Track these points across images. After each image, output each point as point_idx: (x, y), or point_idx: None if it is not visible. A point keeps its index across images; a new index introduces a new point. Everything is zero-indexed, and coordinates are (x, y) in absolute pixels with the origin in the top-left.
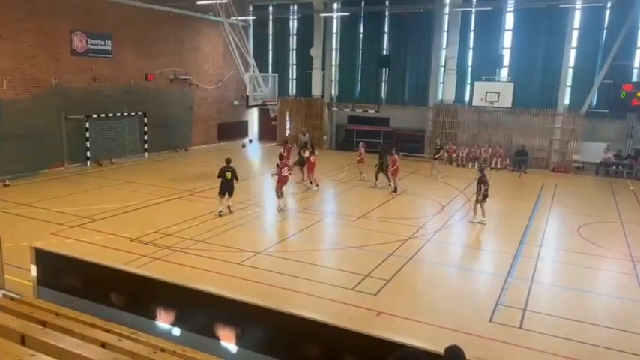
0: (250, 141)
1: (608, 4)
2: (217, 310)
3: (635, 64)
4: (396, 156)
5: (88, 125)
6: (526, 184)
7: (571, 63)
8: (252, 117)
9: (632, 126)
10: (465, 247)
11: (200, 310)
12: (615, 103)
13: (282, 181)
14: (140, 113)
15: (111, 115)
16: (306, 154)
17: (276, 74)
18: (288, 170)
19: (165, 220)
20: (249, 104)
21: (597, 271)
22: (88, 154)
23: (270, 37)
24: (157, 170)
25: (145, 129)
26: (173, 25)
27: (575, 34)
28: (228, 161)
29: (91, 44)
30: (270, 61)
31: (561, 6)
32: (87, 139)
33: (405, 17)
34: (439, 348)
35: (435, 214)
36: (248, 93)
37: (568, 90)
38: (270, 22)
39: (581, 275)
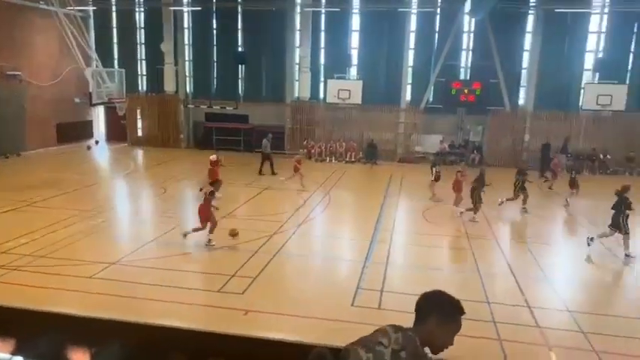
0: (96, 142)
1: (438, 10)
2: (68, 332)
3: (462, 64)
4: None
5: None
6: (377, 175)
7: (410, 63)
8: (98, 116)
9: (461, 119)
10: (326, 238)
11: (47, 335)
12: (447, 99)
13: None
14: None
15: None
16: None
17: (123, 70)
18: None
19: None
20: (93, 102)
21: (440, 249)
22: None
23: (115, 29)
24: None
25: None
26: None
27: (412, 36)
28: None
29: None
30: (116, 56)
31: (399, 10)
32: None
33: (258, 15)
34: (309, 339)
35: (298, 209)
36: (91, 90)
37: (409, 87)
38: (114, 14)
39: (428, 254)
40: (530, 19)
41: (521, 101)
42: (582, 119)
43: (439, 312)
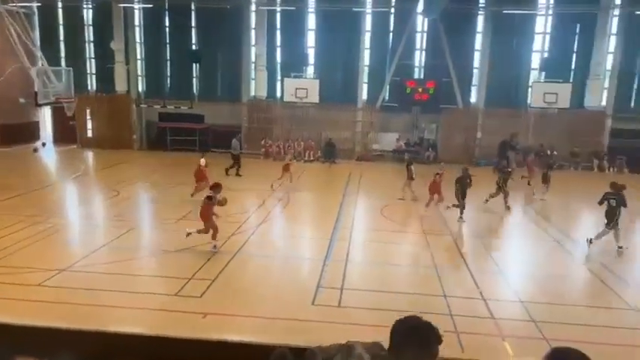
0: (44, 144)
1: (392, 10)
2: (13, 343)
3: (416, 64)
4: None
5: None
6: (336, 174)
7: (366, 62)
8: (45, 116)
9: (416, 118)
10: (286, 237)
11: None
12: (402, 98)
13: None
14: None
15: None
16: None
17: (71, 68)
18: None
19: None
20: (39, 102)
21: (398, 245)
22: None
23: (61, 27)
24: None
25: None
26: None
27: (368, 36)
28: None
29: None
30: (64, 54)
31: (354, 9)
32: None
33: (213, 12)
34: (270, 340)
35: (257, 209)
36: (37, 89)
37: (365, 86)
38: (60, 11)
39: (386, 251)
40: (481, 20)
41: (472, 99)
42: (530, 116)
43: (417, 344)
